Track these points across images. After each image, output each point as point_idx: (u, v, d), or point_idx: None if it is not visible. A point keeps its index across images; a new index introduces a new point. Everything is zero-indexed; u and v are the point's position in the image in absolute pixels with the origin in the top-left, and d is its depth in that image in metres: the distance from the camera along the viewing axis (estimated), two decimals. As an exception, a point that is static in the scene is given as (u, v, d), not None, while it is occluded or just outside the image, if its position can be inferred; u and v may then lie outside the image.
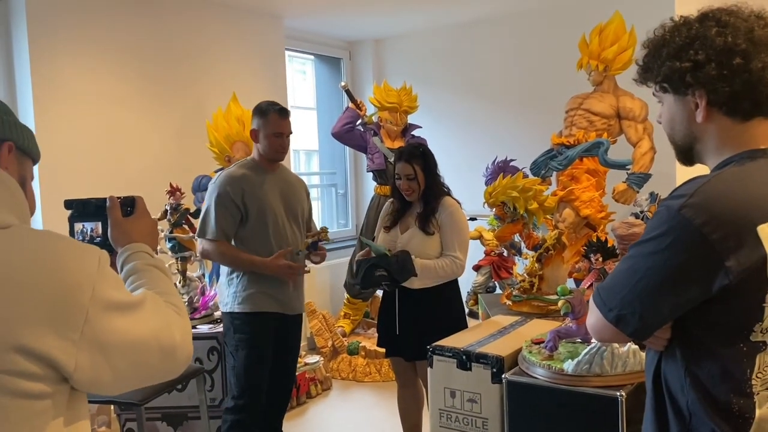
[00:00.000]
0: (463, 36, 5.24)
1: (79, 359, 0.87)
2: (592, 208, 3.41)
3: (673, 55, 1.09)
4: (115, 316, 0.91)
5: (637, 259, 1.09)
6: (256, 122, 2.73)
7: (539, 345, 1.94)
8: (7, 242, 0.87)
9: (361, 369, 4.38)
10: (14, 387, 0.83)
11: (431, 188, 2.71)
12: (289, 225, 2.74)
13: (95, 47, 3.64)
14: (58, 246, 0.90)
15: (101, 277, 0.91)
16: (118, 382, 0.94)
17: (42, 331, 0.83)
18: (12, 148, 0.99)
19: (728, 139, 1.11)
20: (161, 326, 0.97)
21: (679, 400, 1.10)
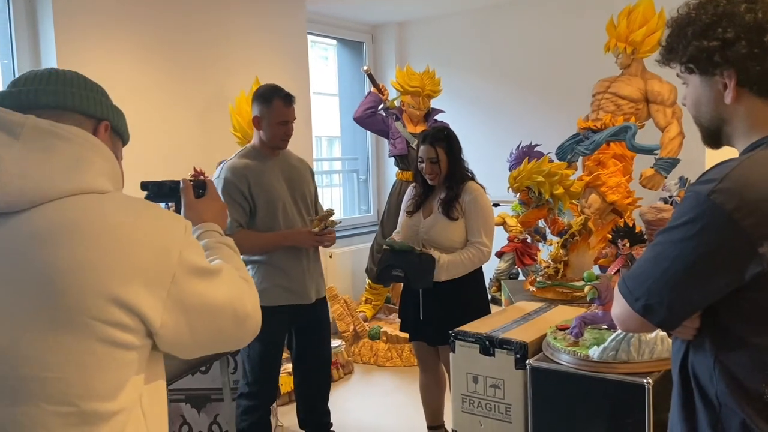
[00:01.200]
0: (488, 19, 5.17)
1: (164, 317, 0.95)
2: (619, 193, 3.35)
3: (699, 34, 1.05)
4: (197, 280, 0.99)
5: (665, 247, 1.06)
6: (259, 109, 2.60)
7: (564, 331, 1.91)
8: (106, 205, 0.95)
9: (382, 354, 4.39)
10: (108, 335, 0.90)
11: (454, 172, 2.67)
12: (297, 210, 2.70)
13: (119, 34, 3.66)
14: (151, 211, 0.99)
15: (187, 243, 1.00)
16: (195, 344, 1.01)
17: (135, 287, 0.91)
18: (108, 128, 1.08)
19: (758, 120, 1.06)
20: (236, 295, 1.05)
21: (708, 390, 1.07)
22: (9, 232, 0.90)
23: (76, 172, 0.95)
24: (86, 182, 0.96)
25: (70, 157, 0.96)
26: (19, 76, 1.06)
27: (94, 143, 1.00)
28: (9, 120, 0.95)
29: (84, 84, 1.08)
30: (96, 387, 0.90)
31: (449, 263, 2.58)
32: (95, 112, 1.06)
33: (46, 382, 0.88)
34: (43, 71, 1.06)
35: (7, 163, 0.91)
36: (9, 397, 0.88)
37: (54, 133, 0.96)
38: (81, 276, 0.89)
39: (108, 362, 0.91)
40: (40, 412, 0.88)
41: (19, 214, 0.91)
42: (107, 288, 0.90)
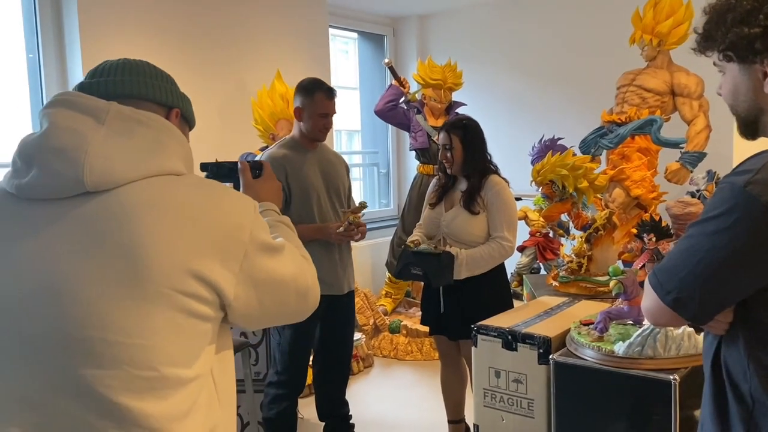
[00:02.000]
0: (510, 11, 5.11)
1: (237, 290, 1.01)
2: (644, 188, 3.30)
3: (739, 21, 1.02)
4: (265, 256, 1.05)
5: (698, 239, 1.03)
6: (301, 100, 2.66)
7: (588, 326, 1.89)
8: (183, 185, 1.02)
9: (402, 347, 4.39)
10: (186, 306, 0.97)
11: (473, 163, 2.65)
12: (331, 203, 2.73)
13: (142, 27, 3.68)
14: (224, 192, 1.06)
15: (257, 222, 1.07)
16: (263, 316, 1.09)
17: (211, 262, 0.98)
18: (179, 114, 1.16)
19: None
20: (298, 270, 1.12)
21: (741, 387, 1.05)
22: (95, 209, 0.97)
23: (155, 155, 1.02)
24: (164, 164, 1.02)
25: (150, 141, 1.02)
26: (96, 67, 1.12)
27: (169, 128, 1.07)
28: (95, 106, 1.01)
29: (155, 73, 1.14)
30: (175, 354, 0.97)
31: (469, 259, 2.56)
32: (167, 101, 1.13)
33: (131, 348, 0.94)
34: (118, 62, 1.12)
35: (95, 147, 0.97)
36: (96, 360, 0.94)
37: (135, 118, 1.02)
38: (163, 250, 0.95)
39: (186, 331, 0.98)
40: (126, 375, 0.94)
41: (104, 194, 0.97)
42: (186, 262, 0.96)
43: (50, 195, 0.98)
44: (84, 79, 1.12)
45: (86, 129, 0.98)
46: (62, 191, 0.97)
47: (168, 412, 0.96)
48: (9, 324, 0.96)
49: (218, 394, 1.06)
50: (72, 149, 0.96)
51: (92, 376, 0.93)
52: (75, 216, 0.96)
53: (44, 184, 0.97)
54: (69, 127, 0.98)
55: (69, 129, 0.98)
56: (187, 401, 0.99)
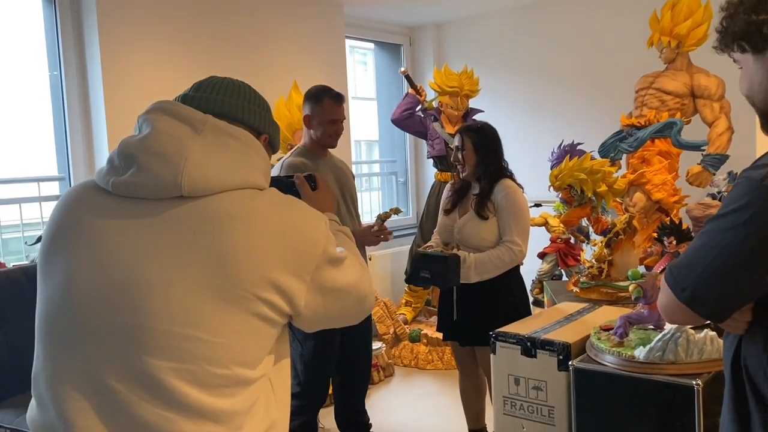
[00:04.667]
0: (526, 17, 5.10)
1: (307, 299, 1.08)
2: (665, 191, 3.25)
3: (750, 9, 1.02)
4: (332, 267, 1.13)
5: (714, 235, 1.01)
6: (310, 108, 2.67)
7: (608, 332, 1.86)
8: (267, 199, 1.09)
9: (423, 356, 4.37)
10: (261, 311, 1.03)
11: (484, 167, 2.63)
12: (346, 210, 2.73)
13: (160, 41, 3.74)
14: (302, 208, 1.13)
15: (328, 236, 1.14)
16: (326, 320, 1.16)
17: (288, 272, 1.05)
18: (267, 140, 1.23)
19: None
20: (358, 278, 1.19)
21: (762, 388, 1.03)
22: (189, 212, 1.03)
23: (244, 168, 1.08)
24: (250, 177, 1.09)
25: (240, 154, 1.09)
26: (201, 82, 1.20)
27: (257, 144, 1.14)
28: (193, 117, 1.08)
29: (254, 99, 1.21)
30: (246, 354, 1.03)
31: (478, 262, 2.54)
32: (259, 126, 1.20)
33: (209, 345, 0.99)
34: (222, 81, 1.20)
35: (194, 154, 1.03)
36: (174, 353, 0.98)
37: (228, 132, 1.09)
38: (247, 257, 1.01)
39: (258, 334, 1.04)
40: (201, 370, 0.99)
41: (197, 199, 1.03)
42: (267, 271, 1.02)
43: (145, 194, 1.03)
44: (188, 91, 1.19)
45: (185, 137, 1.05)
46: (158, 192, 1.03)
47: (235, 408, 1.02)
48: (91, 312, 1.00)
49: (275, 395, 1.11)
50: (173, 154, 1.03)
51: (166, 368, 0.98)
52: (168, 217, 1.02)
53: (142, 183, 1.03)
54: (170, 133, 1.05)
55: (170, 135, 1.05)
56: (250, 399, 1.04)
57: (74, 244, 1.04)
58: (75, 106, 3.56)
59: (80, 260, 1.03)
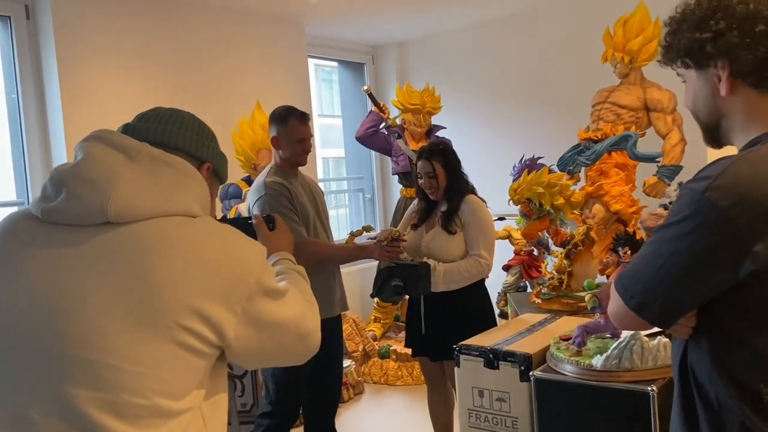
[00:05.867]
0: (486, 35, 5.20)
1: (237, 330, 1.06)
2: (623, 202, 3.33)
3: (694, 27, 1.06)
4: (267, 300, 1.10)
5: (660, 244, 1.05)
6: (276, 129, 2.68)
7: (567, 341, 1.90)
8: (198, 227, 1.08)
9: (392, 372, 4.37)
10: (185, 341, 1.01)
11: (453, 186, 2.68)
12: (322, 226, 2.75)
13: (121, 62, 3.72)
14: (235, 237, 1.12)
15: (264, 267, 1.12)
16: (261, 356, 1.14)
17: (216, 302, 1.03)
18: (210, 169, 1.23)
19: (755, 114, 1.06)
20: (299, 314, 1.16)
21: (707, 391, 1.06)
22: (114, 239, 1.02)
23: (177, 195, 1.08)
24: (183, 205, 1.08)
25: (174, 182, 1.09)
26: (146, 112, 1.21)
27: (193, 172, 1.14)
28: (129, 145, 1.09)
29: (197, 128, 1.22)
30: (169, 385, 1.00)
31: (446, 272, 2.59)
32: (201, 155, 1.21)
33: (129, 374, 0.97)
34: (166, 112, 1.21)
35: (123, 181, 1.04)
36: (92, 382, 0.96)
37: (163, 160, 1.10)
38: (172, 285, 1.00)
39: (182, 364, 1.01)
40: (119, 400, 0.97)
41: (124, 225, 1.03)
42: (192, 300, 1.01)
43: (73, 221, 1.03)
44: (132, 121, 1.20)
45: (117, 164, 1.05)
46: (86, 218, 1.03)
47: None
48: (15, 341, 0.99)
49: (206, 428, 1.08)
50: (102, 180, 1.03)
51: (85, 398, 0.96)
52: (94, 243, 1.02)
53: (70, 209, 1.03)
54: (102, 161, 1.05)
55: (102, 162, 1.05)
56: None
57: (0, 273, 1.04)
58: (33, 129, 3.51)
59: (4, 289, 1.02)
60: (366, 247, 2.68)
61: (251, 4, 4.31)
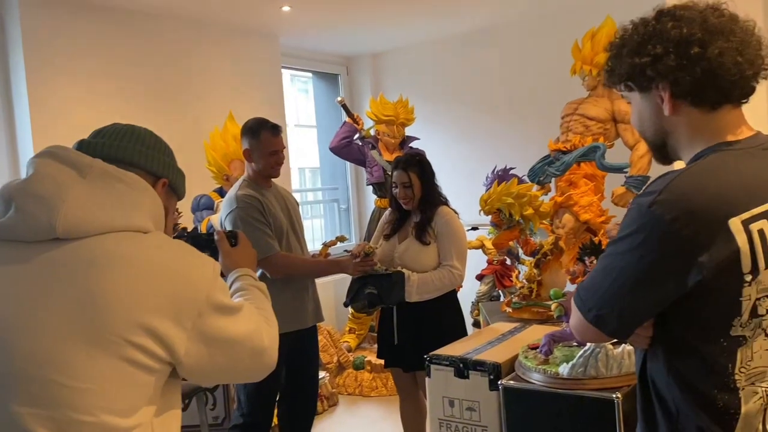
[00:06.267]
0: (459, 48, 5.27)
1: (188, 346, 1.05)
2: (592, 212, 3.38)
3: (633, 52, 1.10)
4: (219, 316, 1.09)
5: (612, 258, 1.08)
6: (248, 142, 2.67)
7: (535, 350, 1.92)
8: (148, 243, 1.08)
9: (367, 383, 4.36)
10: (133, 357, 1.00)
11: (427, 197, 2.71)
12: (295, 239, 2.74)
13: (90, 71, 3.69)
14: (186, 252, 1.11)
15: (214, 283, 1.11)
16: (215, 373, 1.13)
17: (164, 318, 1.02)
18: (165, 184, 1.23)
19: (698, 131, 1.10)
20: (253, 330, 1.15)
21: (666, 398, 1.09)
22: (62, 255, 1.02)
23: (128, 211, 1.08)
24: (134, 220, 1.08)
25: (125, 198, 1.09)
26: (102, 128, 1.20)
27: (146, 188, 1.14)
28: (81, 161, 1.08)
29: (153, 144, 1.22)
30: (116, 402, 0.99)
31: (419, 281, 2.61)
32: (156, 171, 1.20)
33: (74, 391, 0.96)
34: (123, 128, 1.21)
35: (73, 197, 1.03)
36: (38, 401, 0.96)
37: (116, 176, 1.09)
38: (120, 301, 0.99)
39: (129, 381, 1.01)
40: (64, 417, 0.96)
41: (73, 242, 1.03)
42: (140, 315, 1.00)
43: (22, 237, 1.03)
44: (88, 137, 1.20)
45: (67, 180, 1.05)
46: (34, 234, 1.02)
47: None
48: None
49: None
50: (50, 196, 1.02)
51: (30, 415, 0.95)
52: (42, 260, 1.01)
53: (17, 225, 1.03)
54: (52, 176, 1.05)
55: (52, 178, 1.05)
56: None
57: None
58: (2, 145, 3.46)
59: None
60: (339, 261, 2.69)
61: (224, 16, 4.31)
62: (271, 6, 4.17)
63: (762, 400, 1.04)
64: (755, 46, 1.07)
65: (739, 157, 1.06)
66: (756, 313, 1.02)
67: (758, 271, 1.00)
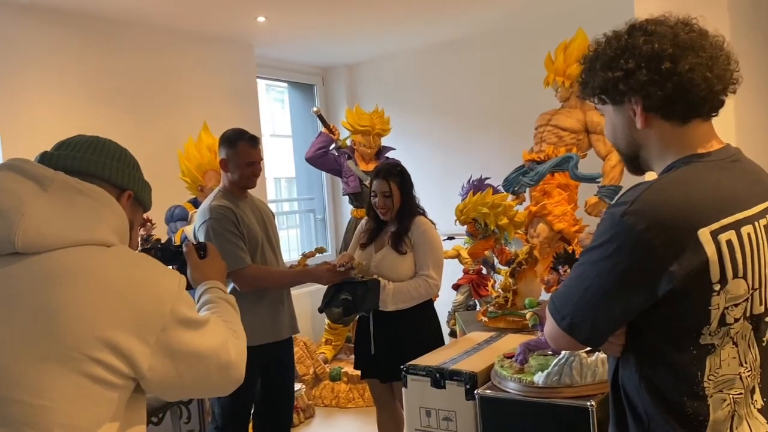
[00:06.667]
0: (435, 58, 5.31)
1: (152, 361, 1.03)
2: (565, 221, 3.43)
3: (606, 67, 1.12)
4: (184, 329, 1.08)
5: (586, 267, 1.10)
6: (225, 152, 2.66)
7: (511, 359, 1.93)
8: (111, 256, 1.06)
9: (343, 395, 4.34)
10: (94, 373, 0.98)
11: (406, 207, 2.72)
12: (270, 251, 2.72)
13: (63, 81, 3.64)
14: (150, 266, 1.10)
15: (179, 296, 1.09)
16: (181, 387, 1.11)
17: (127, 333, 1.00)
18: (131, 197, 1.22)
19: (669, 143, 1.12)
20: (220, 344, 1.14)
21: (637, 405, 1.11)
22: (22, 270, 1.00)
23: (90, 225, 1.06)
24: (96, 234, 1.06)
25: (88, 211, 1.07)
26: (65, 140, 1.19)
27: (110, 201, 1.13)
28: (41, 174, 1.07)
29: (117, 156, 1.21)
30: (76, 418, 0.98)
31: (395, 290, 2.62)
32: (120, 183, 1.19)
33: (33, 408, 0.95)
34: (87, 139, 1.19)
35: (33, 210, 1.02)
36: None
37: (77, 189, 1.08)
38: (79, 316, 0.97)
39: (91, 397, 0.99)
40: None
41: (33, 256, 1.01)
42: (102, 330, 0.98)
43: None
44: (51, 149, 1.18)
45: (27, 193, 1.03)
46: None
47: None
48: None
49: None
50: (9, 210, 1.01)
51: None
52: (1, 274, 1.00)
53: None
54: (12, 190, 1.03)
55: (11, 191, 1.03)
56: None
57: None
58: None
59: None
60: (312, 271, 2.69)
61: (200, 26, 4.29)
62: (247, 16, 4.16)
63: (730, 407, 1.06)
64: (724, 62, 1.10)
65: (709, 169, 1.09)
66: (724, 321, 1.04)
67: (726, 281, 1.02)
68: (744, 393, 1.07)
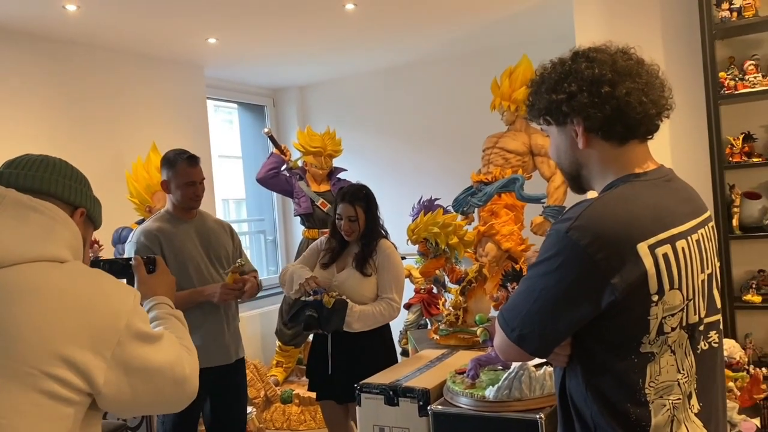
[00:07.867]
0: (385, 81, 5.41)
1: (107, 376, 1.03)
2: (512, 241, 3.53)
3: (551, 89, 1.19)
4: (140, 344, 1.08)
5: (533, 280, 1.15)
6: (166, 173, 2.65)
7: (462, 374, 1.97)
8: (65, 272, 1.06)
9: (295, 417, 4.29)
10: (49, 389, 0.97)
11: (371, 230, 2.74)
12: (214, 270, 2.69)
13: (9, 99, 3.54)
14: (104, 281, 1.10)
15: (135, 311, 1.09)
16: (135, 403, 1.10)
17: (83, 348, 1.00)
18: (83, 214, 1.23)
19: (609, 163, 1.20)
20: (175, 359, 1.14)
21: (584, 413, 1.15)
22: None
23: (43, 241, 1.06)
24: (50, 251, 1.06)
25: (41, 227, 1.07)
26: (15, 159, 1.19)
27: (63, 217, 1.12)
28: None
29: (68, 173, 1.22)
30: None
31: (361, 313, 2.63)
32: (74, 201, 1.21)
33: None
34: (37, 158, 1.20)
35: None
36: None
37: (30, 205, 1.08)
38: (34, 332, 0.97)
39: (47, 414, 0.98)
40: None
41: None
42: (57, 346, 0.98)
43: None
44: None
45: None
46: None
47: None
48: None
49: None
50: None
51: None
52: None
53: None
54: None
55: None
56: None
57: None
58: None
59: None
60: (204, 290, 2.59)
61: (149, 47, 4.25)
62: (197, 37, 4.15)
63: (669, 412, 1.12)
64: (659, 88, 1.19)
65: (646, 187, 1.16)
66: (662, 330, 1.10)
67: (663, 292, 1.09)
68: (682, 398, 1.13)
